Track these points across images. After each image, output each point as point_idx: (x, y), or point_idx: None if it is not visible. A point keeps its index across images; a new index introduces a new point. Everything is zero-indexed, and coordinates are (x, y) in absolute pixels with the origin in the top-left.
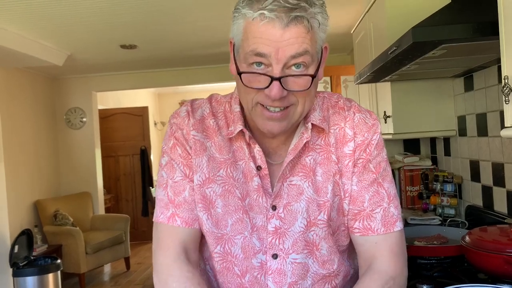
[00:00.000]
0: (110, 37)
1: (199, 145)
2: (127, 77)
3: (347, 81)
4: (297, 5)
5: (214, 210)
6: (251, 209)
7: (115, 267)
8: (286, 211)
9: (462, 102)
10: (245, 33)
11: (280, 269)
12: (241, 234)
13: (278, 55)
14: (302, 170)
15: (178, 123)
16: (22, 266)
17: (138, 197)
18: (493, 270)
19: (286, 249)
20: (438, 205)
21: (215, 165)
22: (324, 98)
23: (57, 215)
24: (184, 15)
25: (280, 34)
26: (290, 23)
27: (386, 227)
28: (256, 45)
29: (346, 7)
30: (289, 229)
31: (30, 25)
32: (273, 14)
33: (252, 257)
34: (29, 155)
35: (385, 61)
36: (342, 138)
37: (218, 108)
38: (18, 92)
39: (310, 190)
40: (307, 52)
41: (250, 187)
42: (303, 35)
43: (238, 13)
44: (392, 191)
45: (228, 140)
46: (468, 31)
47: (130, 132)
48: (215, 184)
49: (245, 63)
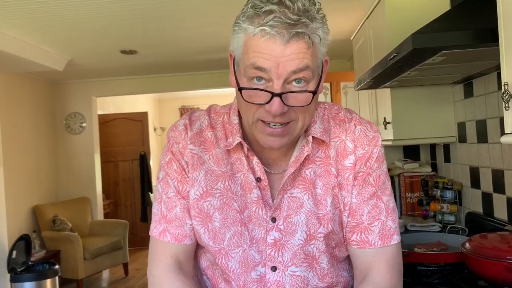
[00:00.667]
0: (110, 42)
1: (196, 159)
2: (127, 82)
3: (347, 87)
4: (298, 21)
5: (211, 224)
6: (250, 221)
7: (113, 273)
8: (286, 223)
9: (462, 109)
10: (245, 47)
11: (279, 281)
12: (239, 247)
13: (279, 70)
14: (302, 183)
15: (175, 136)
16: (20, 271)
17: (137, 202)
18: (493, 277)
19: (285, 262)
20: (438, 211)
21: (212, 178)
22: (325, 109)
23: (56, 220)
24: (184, 21)
25: (281, 50)
26: (291, 39)
27: (383, 241)
28: (256, 59)
29: (346, 14)
30: (288, 242)
31: (30, 30)
32: (274, 30)
33: (251, 270)
34: (28, 159)
35: (385, 67)
36: (342, 151)
37: (217, 119)
38: (18, 96)
39: (310, 203)
40: (308, 67)
41: (249, 199)
42: (304, 51)
43: (239, 27)
44: (391, 204)
45: (226, 152)
46: (468, 38)
47: (129, 137)
48: (212, 198)
49: (245, 77)
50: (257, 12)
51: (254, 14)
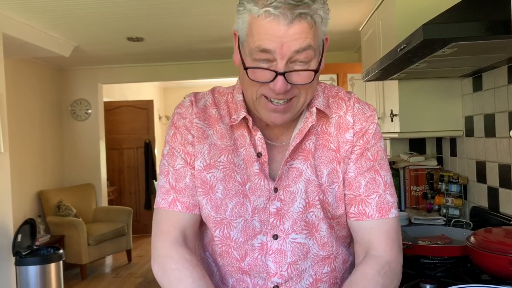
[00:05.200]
0: (117, 29)
1: (201, 133)
2: (133, 70)
3: (353, 79)
4: (301, 1)
5: (214, 195)
6: (253, 192)
7: (116, 259)
8: (285, 192)
9: (470, 102)
10: (250, 28)
11: (280, 249)
12: (241, 217)
13: (283, 50)
14: (302, 154)
15: (181, 112)
16: (25, 255)
17: (141, 190)
18: (498, 271)
19: (286, 230)
20: (442, 205)
21: (216, 152)
22: (325, 88)
23: (60, 206)
24: (191, 9)
25: (284, 30)
26: (295, 20)
27: (380, 213)
28: (261, 42)
29: (355, 5)
30: (288, 210)
31: (38, 15)
32: (278, 11)
33: (253, 238)
34: (34, 145)
35: (394, 59)
36: (344, 125)
37: (220, 98)
38: (25, 82)
39: (308, 172)
40: (310, 46)
41: (251, 172)
42: (306, 31)
43: (243, 8)
44: (389, 179)
45: (229, 128)
46: (479, 29)
47: (134, 125)
48: (215, 170)
49: (250, 58)
50: None
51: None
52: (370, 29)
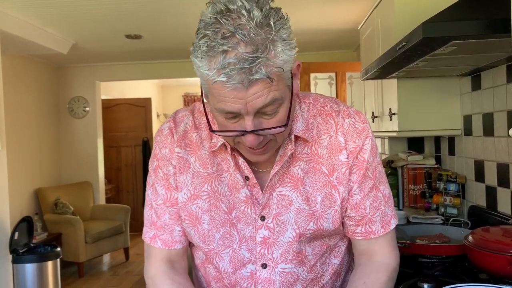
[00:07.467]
0: (115, 26)
1: (183, 162)
2: (131, 67)
3: (352, 77)
4: (255, 61)
5: (200, 226)
6: (239, 220)
7: (114, 257)
8: (275, 221)
9: (469, 101)
10: (209, 88)
11: (270, 278)
12: (229, 247)
13: (247, 108)
14: (291, 181)
15: (161, 141)
16: (22, 253)
17: (139, 188)
18: (496, 271)
19: (275, 259)
20: (440, 204)
21: (199, 181)
22: (310, 105)
23: (58, 203)
24: (189, 6)
25: (244, 92)
26: (252, 83)
27: (384, 228)
28: (224, 105)
29: (354, 3)
30: (278, 239)
31: (35, 11)
32: (231, 82)
33: (242, 267)
34: (31, 142)
35: (393, 57)
36: (336, 146)
37: (201, 119)
38: (22, 79)
39: (299, 201)
40: (275, 99)
41: (237, 199)
42: (267, 87)
43: (196, 65)
44: (387, 191)
45: (211, 153)
46: (479, 28)
47: (132, 123)
48: (200, 200)
49: (216, 112)
50: (211, 51)
51: (208, 51)
52: (369, 28)
